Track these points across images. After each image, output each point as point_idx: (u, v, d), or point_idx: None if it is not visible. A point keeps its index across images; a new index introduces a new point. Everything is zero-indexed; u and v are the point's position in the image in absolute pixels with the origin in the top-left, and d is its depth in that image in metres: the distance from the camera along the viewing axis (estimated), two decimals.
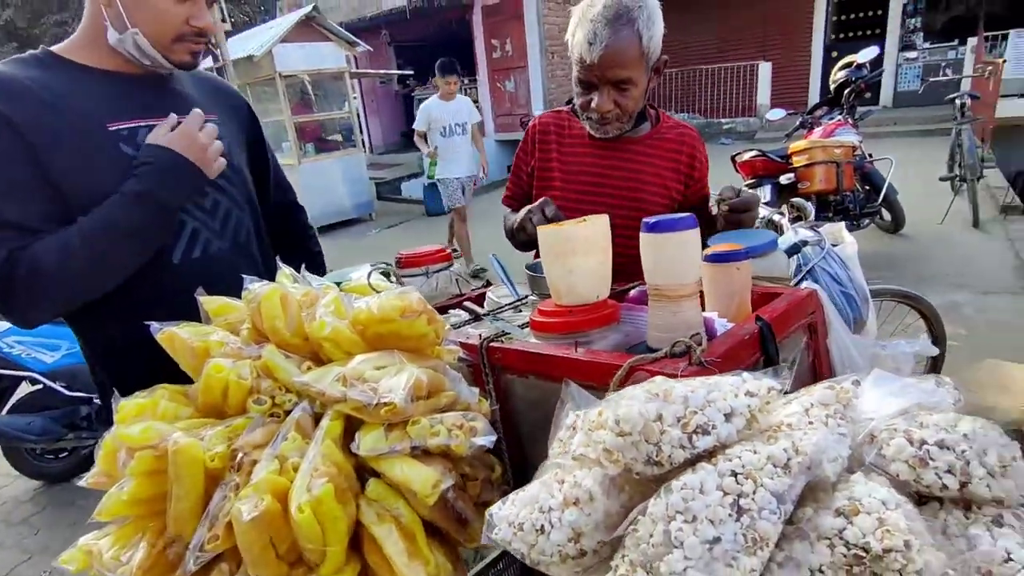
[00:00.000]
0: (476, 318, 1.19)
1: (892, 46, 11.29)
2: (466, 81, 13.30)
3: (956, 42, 10.66)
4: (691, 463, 0.54)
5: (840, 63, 5.46)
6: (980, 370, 3.60)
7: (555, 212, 1.27)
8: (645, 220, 0.88)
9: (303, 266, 1.06)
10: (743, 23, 12.54)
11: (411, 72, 13.36)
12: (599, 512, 0.55)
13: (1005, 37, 8.51)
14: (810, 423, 0.57)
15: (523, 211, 1.36)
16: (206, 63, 10.49)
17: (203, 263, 1.24)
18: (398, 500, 0.83)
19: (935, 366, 2.53)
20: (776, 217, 2.20)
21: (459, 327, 1.16)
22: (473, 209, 6.41)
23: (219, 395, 0.88)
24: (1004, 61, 7.90)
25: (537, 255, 1.25)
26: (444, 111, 5.64)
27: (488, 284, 1.55)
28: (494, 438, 0.83)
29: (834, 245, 1.98)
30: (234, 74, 7.18)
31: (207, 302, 1.03)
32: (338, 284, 1.27)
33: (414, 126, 5.89)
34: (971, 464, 0.52)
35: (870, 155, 5.15)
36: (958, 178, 5.79)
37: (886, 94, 11.55)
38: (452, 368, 0.99)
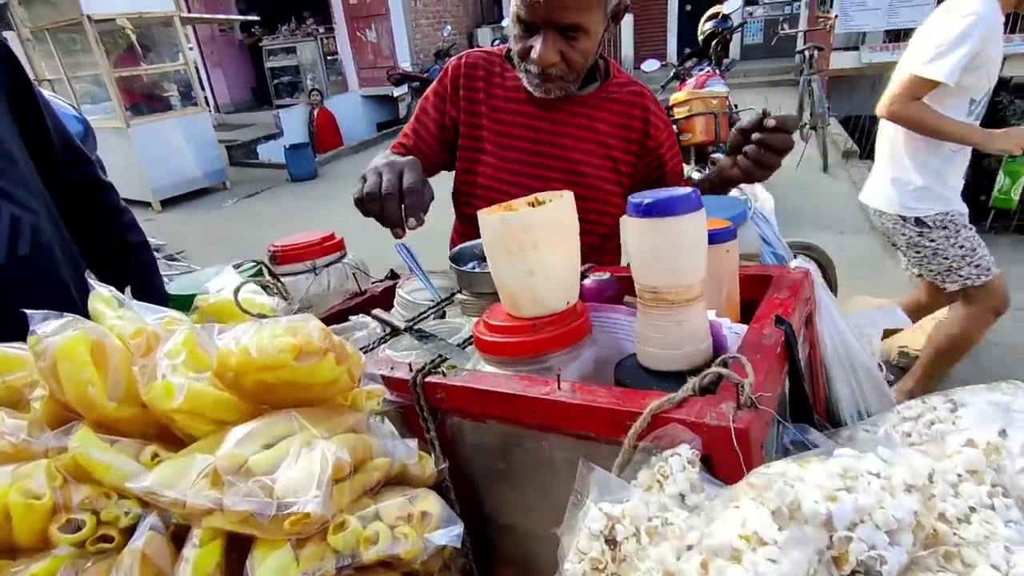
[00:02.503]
0: (394, 332, 0.90)
1: (738, 1, 11.92)
2: (321, 30, 12.11)
3: None
4: None
5: (707, 14, 5.57)
6: (850, 306, 3.90)
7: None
8: (634, 200, 0.64)
9: (128, 288, 0.68)
10: None
11: (256, 18, 11.89)
12: None
13: None
14: (971, 509, 0.38)
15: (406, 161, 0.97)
16: None
17: None
18: None
19: None
20: (695, 175, 2.09)
21: (371, 349, 0.87)
22: None
23: None
24: (836, 16, 8.60)
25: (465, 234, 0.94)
26: None
27: (394, 276, 1.25)
28: (460, 529, 0.57)
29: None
30: (24, 16, 5.82)
31: None
32: (190, 300, 0.92)
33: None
34: None
35: (735, 105, 5.34)
36: (808, 126, 6.24)
37: (734, 47, 12.24)
38: (376, 416, 0.71)
